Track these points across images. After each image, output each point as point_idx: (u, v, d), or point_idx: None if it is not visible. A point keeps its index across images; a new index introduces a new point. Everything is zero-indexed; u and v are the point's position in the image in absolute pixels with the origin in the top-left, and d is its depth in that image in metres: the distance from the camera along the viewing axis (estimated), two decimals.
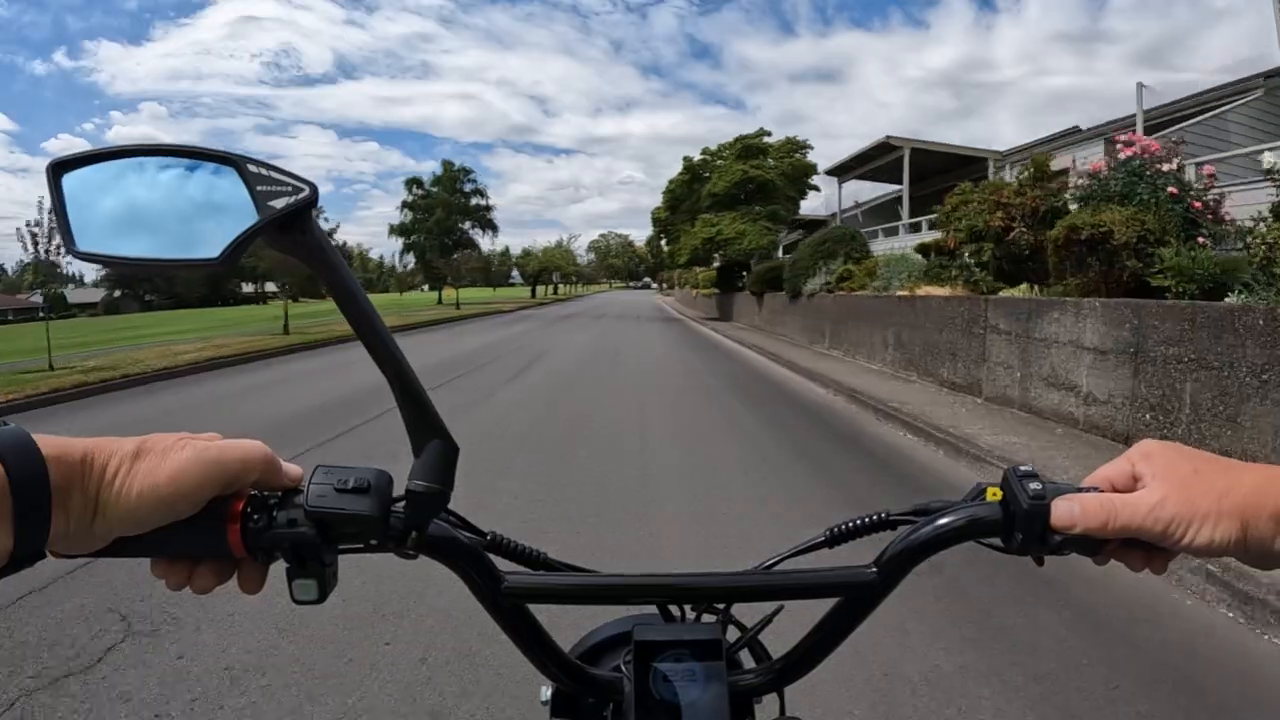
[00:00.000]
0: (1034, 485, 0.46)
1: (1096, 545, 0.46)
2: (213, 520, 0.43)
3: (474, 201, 47.75)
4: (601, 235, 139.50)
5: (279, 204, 0.40)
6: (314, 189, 0.40)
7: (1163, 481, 0.44)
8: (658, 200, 29.89)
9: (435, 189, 45.79)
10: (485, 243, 51.00)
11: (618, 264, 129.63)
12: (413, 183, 46.77)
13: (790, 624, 0.60)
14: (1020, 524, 0.46)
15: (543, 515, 3.94)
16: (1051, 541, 0.46)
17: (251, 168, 0.40)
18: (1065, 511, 0.45)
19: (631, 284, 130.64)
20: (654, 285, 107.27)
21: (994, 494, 0.48)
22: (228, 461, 0.42)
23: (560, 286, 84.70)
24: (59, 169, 0.40)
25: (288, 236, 0.41)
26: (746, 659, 0.58)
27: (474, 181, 47.72)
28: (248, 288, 77.18)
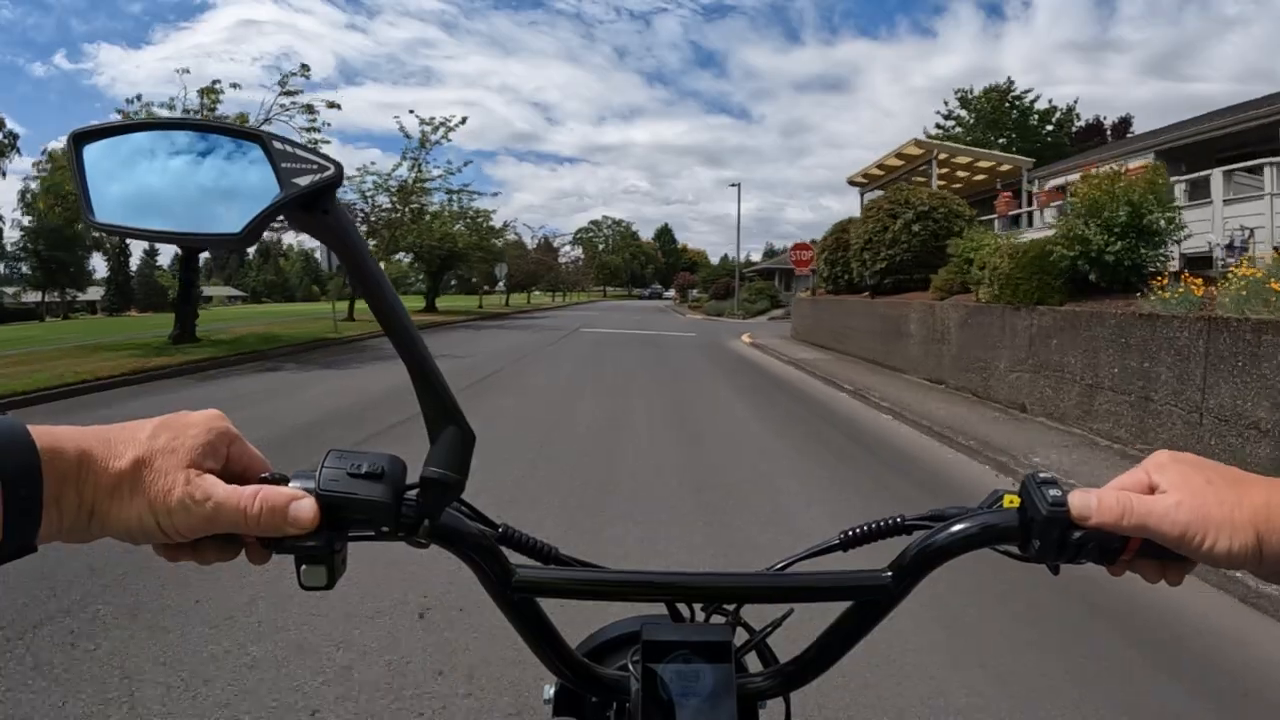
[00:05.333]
0: (1053, 492, 0.45)
1: (1113, 554, 0.46)
2: None
3: None
4: (593, 223, 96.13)
5: (303, 181, 0.39)
6: (339, 168, 0.40)
7: (1178, 489, 0.44)
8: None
9: None
10: None
11: (616, 262, 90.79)
12: None
13: (799, 630, 0.60)
14: (1038, 531, 0.45)
15: None
16: (1069, 549, 0.45)
17: (276, 144, 0.40)
18: (1082, 503, 0.45)
19: (637, 292, 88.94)
20: (671, 296, 63.73)
21: (1011, 500, 0.48)
22: (222, 515, 0.41)
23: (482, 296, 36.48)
24: (80, 140, 0.39)
25: (310, 215, 0.40)
26: (754, 662, 0.58)
27: None
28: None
